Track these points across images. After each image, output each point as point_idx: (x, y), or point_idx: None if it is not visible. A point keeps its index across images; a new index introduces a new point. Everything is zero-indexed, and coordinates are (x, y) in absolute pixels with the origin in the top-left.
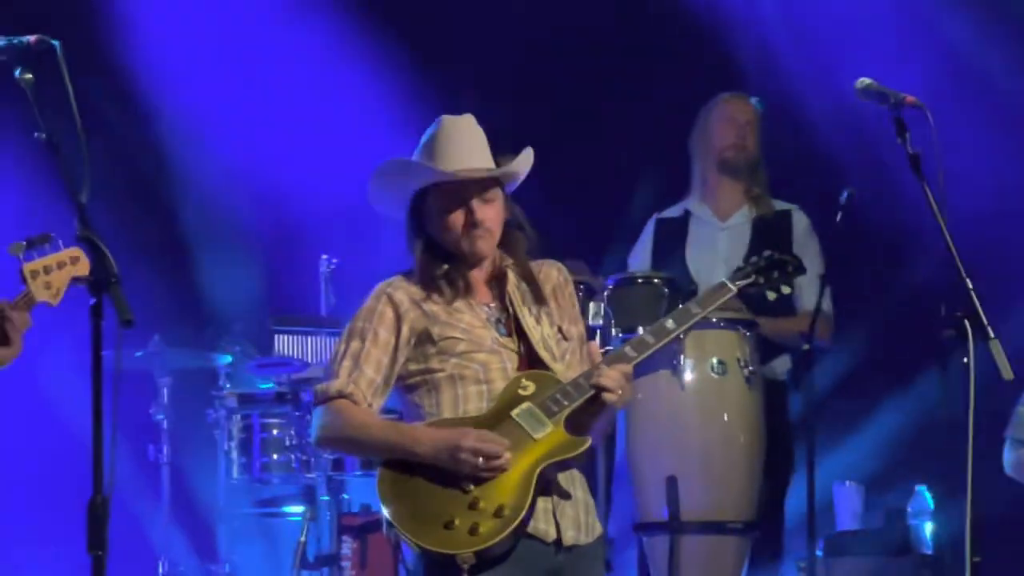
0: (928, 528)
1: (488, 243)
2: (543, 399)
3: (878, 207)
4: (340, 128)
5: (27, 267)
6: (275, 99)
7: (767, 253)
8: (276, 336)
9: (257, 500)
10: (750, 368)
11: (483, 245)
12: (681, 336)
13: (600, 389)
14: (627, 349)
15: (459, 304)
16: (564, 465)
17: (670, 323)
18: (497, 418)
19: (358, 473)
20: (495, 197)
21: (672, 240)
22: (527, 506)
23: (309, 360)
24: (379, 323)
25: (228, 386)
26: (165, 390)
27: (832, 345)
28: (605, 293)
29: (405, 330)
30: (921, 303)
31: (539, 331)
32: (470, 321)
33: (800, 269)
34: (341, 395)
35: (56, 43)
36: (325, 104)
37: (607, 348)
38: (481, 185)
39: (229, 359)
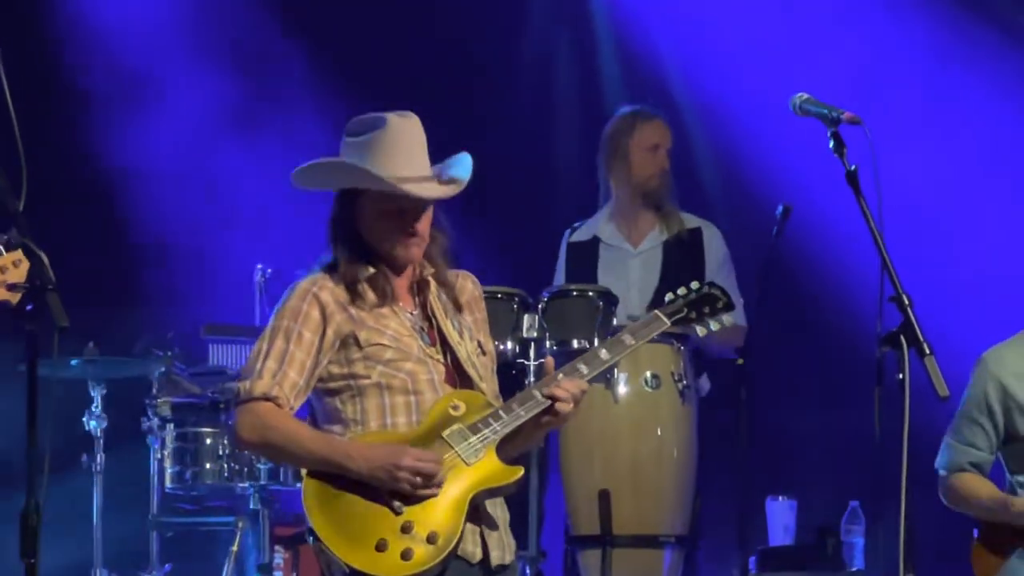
0: (861, 544)
1: (420, 249)
2: (475, 422)
3: (814, 221)
4: (276, 135)
5: None
6: (213, 105)
7: (695, 286)
8: (210, 345)
9: (190, 509)
10: (684, 382)
11: (416, 252)
12: None
13: (553, 399)
14: (560, 375)
15: (384, 310)
16: (494, 492)
17: (603, 353)
18: (428, 438)
19: (291, 483)
20: (430, 202)
21: (583, 265)
22: (459, 533)
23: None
24: (304, 324)
25: (161, 395)
26: (98, 398)
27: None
28: (539, 306)
29: (330, 333)
30: (857, 318)
31: (464, 348)
32: (397, 328)
33: (729, 306)
34: (266, 398)
35: None
36: (264, 111)
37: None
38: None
39: (163, 368)
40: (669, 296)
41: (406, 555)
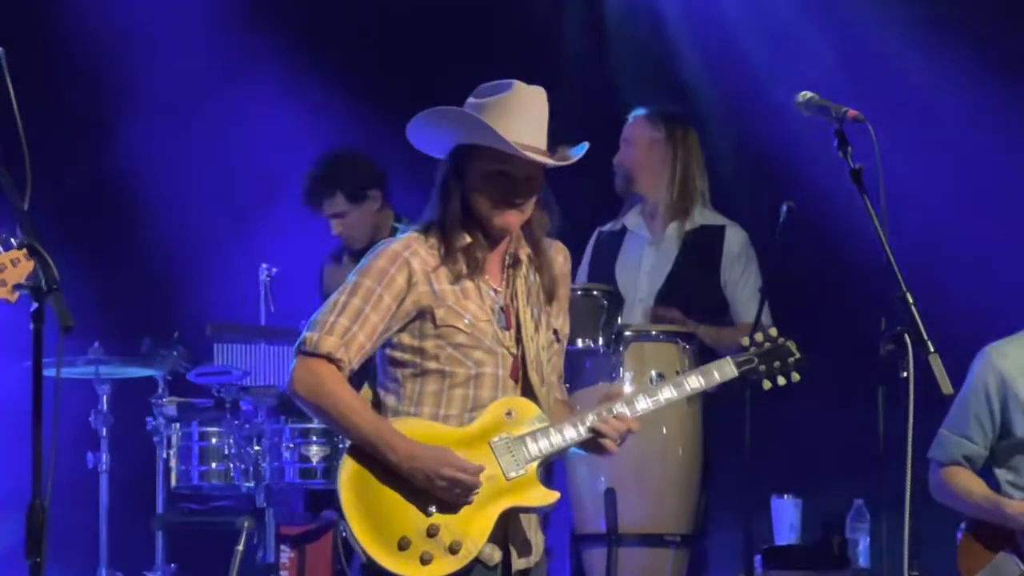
0: (866, 542)
1: (518, 221)
2: (523, 435)
3: (819, 220)
4: (283, 135)
5: None
6: (219, 105)
7: (773, 333)
8: (215, 345)
9: (196, 509)
10: None
11: (514, 222)
12: (621, 348)
13: (600, 434)
14: (621, 405)
15: (468, 285)
16: (526, 510)
17: (667, 392)
18: (475, 441)
19: (297, 482)
20: (539, 178)
21: (607, 254)
22: (482, 546)
23: (248, 369)
24: (387, 288)
25: (167, 394)
26: (104, 398)
27: None
28: None
29: (408, 303)
30: (862, 316)
31: (535, 344)
32: (476, 312)
33: (801, 366)
34: (330, 358)
35: (0, 49)
36: (269, 110)
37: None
38: (534, 166)
39: (168, 367)
40: (745, 341)
41: (425, 559)
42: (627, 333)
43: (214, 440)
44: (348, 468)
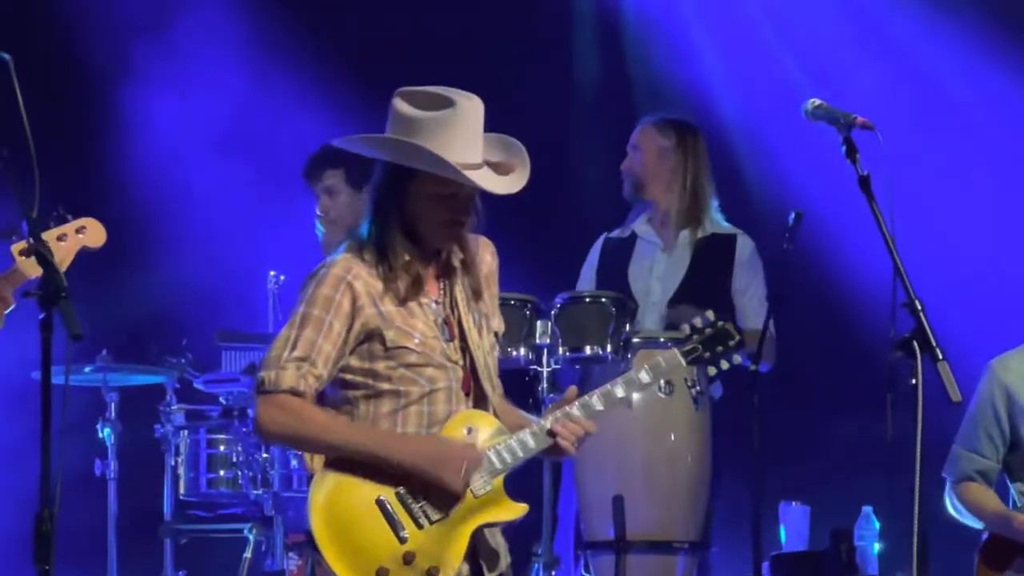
0: (874, 549)
1: (459, 236)
2: (487, 450)
3: (827, 227)
4: (294, 143)
5: (15, 247)
6: (225, 109)
7: (711, 319)
8: (224, 352)
9: (204, 516)
10: (698, 388)
11: (455, 239)
12: (630, 355)
13: (555, 436)
14: (575, 407)
15: (412, 304)
16: (496, 525)
17: (619, 390)
18: None
19: (305, 490)
20: (478, 192)
21: (617, 260)
22: (458, 568)
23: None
24: (335, 315)
25: (175, 402)
26: (112, 405)
27: (775, 366)
28: (553, 312)
29: (357, 326)
30: (870, 323)
31: (481, 351)
32: (423, 330)
33: (740, 345)
34: (293, 392)
35: (7, 56)
36: (276, 114)
37: None
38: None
39: (176, 375)
40: (685, 330)
41: None
42: (635, 340)
43: (222, 447)
44: (318, 497)
